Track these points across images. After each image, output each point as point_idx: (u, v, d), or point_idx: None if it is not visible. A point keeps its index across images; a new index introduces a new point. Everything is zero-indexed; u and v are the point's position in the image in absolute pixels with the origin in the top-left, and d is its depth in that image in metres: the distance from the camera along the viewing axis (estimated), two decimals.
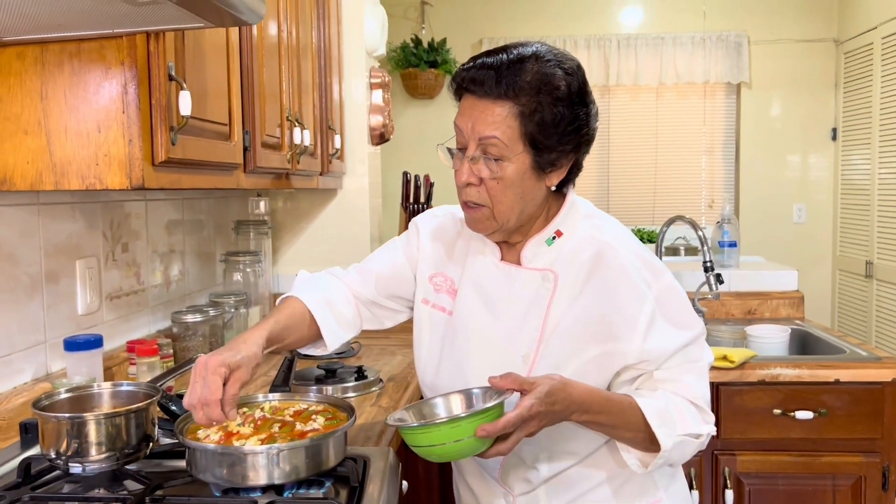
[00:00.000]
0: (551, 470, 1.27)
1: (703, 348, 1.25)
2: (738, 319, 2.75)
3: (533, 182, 1.19)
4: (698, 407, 1.21)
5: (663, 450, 1.16)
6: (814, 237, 5.19)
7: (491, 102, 1.14)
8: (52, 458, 1.12)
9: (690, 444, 1.20)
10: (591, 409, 1.14)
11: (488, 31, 5.21)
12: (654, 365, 1.20)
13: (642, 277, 1.20)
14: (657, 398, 1.19)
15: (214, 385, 1.05)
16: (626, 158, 5.35)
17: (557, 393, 1.09)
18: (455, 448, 1.06)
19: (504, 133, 1.14)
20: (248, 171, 1.75)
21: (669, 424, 1.17)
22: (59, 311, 1.64)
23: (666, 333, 1.19)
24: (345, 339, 1.36)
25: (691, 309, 1.24)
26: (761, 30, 5.15)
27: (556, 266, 1.24)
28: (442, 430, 1.05)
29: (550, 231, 1.25)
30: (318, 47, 2.36)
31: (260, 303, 2.43)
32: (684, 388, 1.21)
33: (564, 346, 1.21)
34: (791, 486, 2.14)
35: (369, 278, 1.40)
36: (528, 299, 1.24)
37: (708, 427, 1.22)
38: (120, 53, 1.24)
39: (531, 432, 1.09)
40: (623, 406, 1.17)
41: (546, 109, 1.14)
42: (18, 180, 1.28)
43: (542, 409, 1.07)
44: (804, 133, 5.19)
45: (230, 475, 1.06)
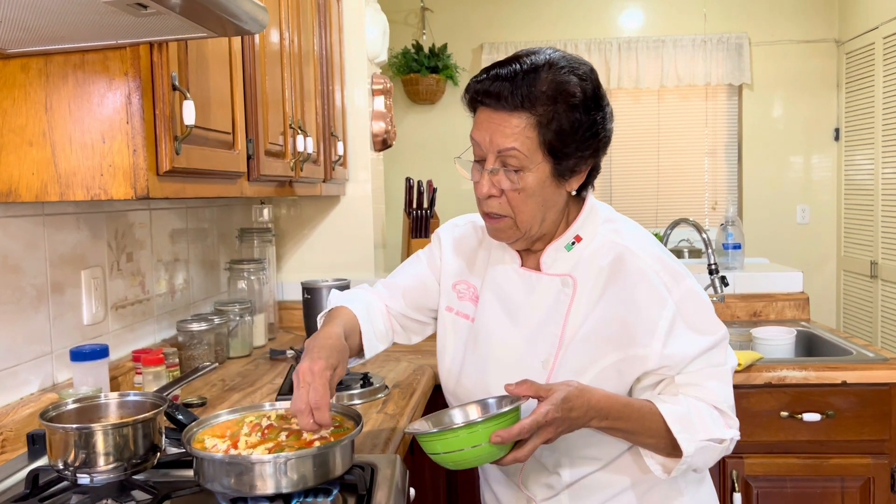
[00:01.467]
0: (573, 476, 1.26)
1: (727, 352, 1.24)
2: (744, 321, 2.75)
3: (553, 189, 1.19)
4: (721, 411, 1.20)
5: (685, 456, 1.15)
6: (818, 238, 5.19)
7: (507, 114, 1.14)
8: (60, 468, 1.12)
9: (714, 449, 1.19)
10: (611, 415, 1.13)
11: (489, 37, 5.22)
12: (675, 370, 1.18)
13: (662, 282, 1.19)
14: (678, 403, 1.17)
15: (323, 389, 1.07)
16: (628, 161, 5.35)
17: (575, 399, 1.09)
18: (472, 454, 1.06)
19: (523, 144, 1.14)
20: (251, 180, 1.75)
21: (691, 430, 1.16)
22: (65, 322, 1.65)
23: (686, 339, 1.18)
24: (379, 351, 1.38)
25: (713, 313, 1.23)
26: (762, 31, 5.15)
27: (576, 271, 1.24)
28: (459, 436, 1.05)
29: (570, 236, 1.25)
30: (320, 54, 2.37)
31: (264, 310, 2.44)
32: (707, 393, 1.19)
33: (584, 351, 1.21)
34: (799, 488, 2.13)
35: (397, 292, 1.43)
36: (548, 305, 1.25)
37: (731, 432, 1.21)
38: (123, 64, 1.25)
39: (548, 439, 1.09)
40: (643, 412, 1.16)
41: (563, 117, 1.14)
42: (24, 192, 1.29)
43: (558, 416, 1.07)
44: (807, 134, 5.18)
45: (238, 484, 1.06)
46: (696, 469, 1.23)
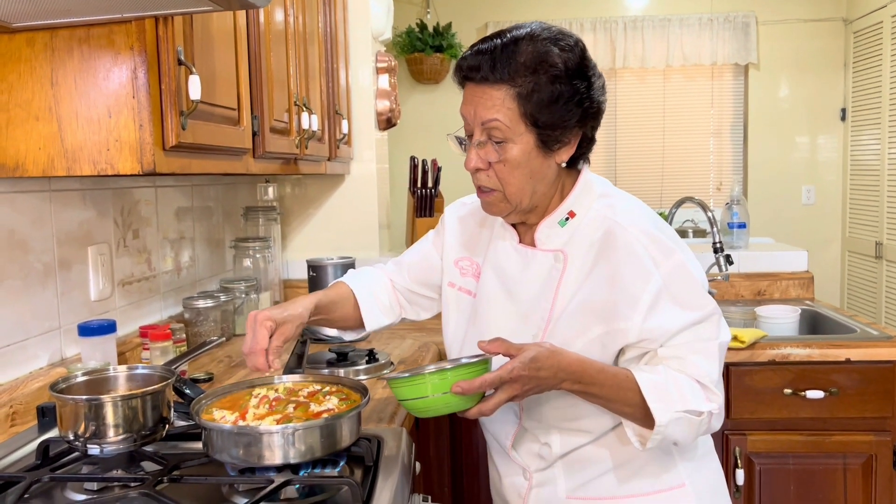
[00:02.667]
0: (564, 447, 1.27)
1: (717, 327, 1.21)
2: (748, 300, 2.75)
3: (541, 161, 1.20)
4: (703, 385, 1.18)
5: (658, 425, 1.14)
6: (823, 218, 5.18)
7: (489, 87, 1.16)
8: (71, 439, 1.14)
9: (691, 422, 1.16)
10: (583, 379, 1.13)
11: (493, 16, 5.18)
12: (657, 343, 1.18)
13: (650, 256, 1.19)
14: (657, 373, 1.17)
15: (260, 336, 1.19)
16: (633, 141, 5.33)
17: (544, 360, 1.10)
18: (439, 402, 1.09)
19: (504, 115, 1.16)
20: (257, 156, 1.75)
21: (667, 400, 1.14)
22: (73, 298, 1.66)
23: (670, 313, 1.17)
24: (384, 324, 1.47)
25: (702, 288, 1.21)
26: (769, 10, 5.11)
27: (568, 246, 1.25)
28: (427, 383, 1.09)
29: (563, 212, 1.26)
30: (325, 32, 2.36)
31: (270, 288, 2.45)
32: (689, 366, 1.18)
33: (571, 325, 1.22)
34: (801, 465, 2.14)
35: (403, 268, 1.49)
36: (541, 280, 1.26)
37: (711, 405, 1.17)
38: (129, 38, 1.24)
39: (514, 396, 1.10)
40: (619, 379, 1.16)
41: (544, 88, 1.15)
42: (31, 166, 1.29)
43: (524, 374, 1.08)
44: (813, 114, 5.16)
45: (246, 455, 1.07)
46: (677, 443, 1.20)
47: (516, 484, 1.35)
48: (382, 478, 1.14)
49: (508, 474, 1.37)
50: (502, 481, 1.39)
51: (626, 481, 1.27)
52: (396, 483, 1.13)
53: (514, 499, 1.36)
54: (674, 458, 1.29)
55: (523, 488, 1.34)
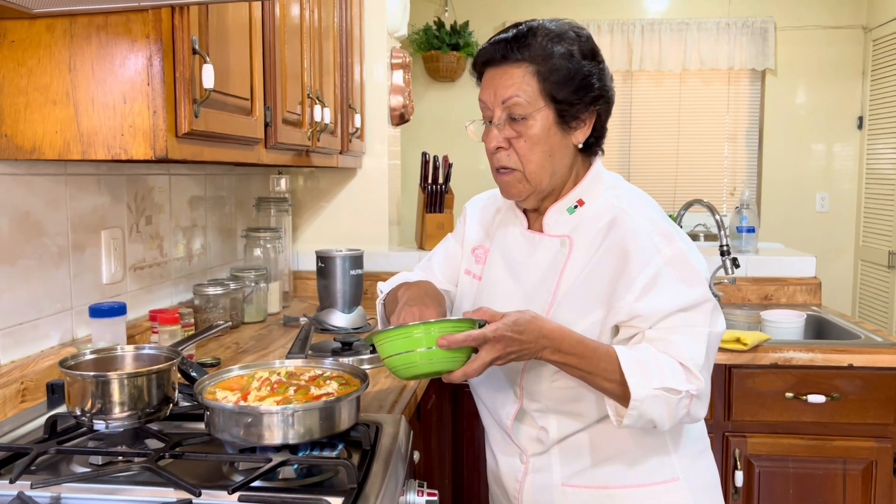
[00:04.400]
0: (561, 432, 1.30)
1: (709, 316, 1.22)
2: (755, 304, 2.75)
3: (559, 138, 1.25)
4: (685, 367, 1.18)
5: (633, 399, 1.14)
6: (836, 226, 5.15)
7: (508, 67, 1.24)
8: (78, 415, 1.17)
9: (668, 401, 1.16)
10: (563, 347, 1.15)
11: (511, 15, 5.19)
12: (646, 324, 1.19)
13: (653, 242, 1.21)
14: (639, 350, 1.18)
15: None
16: (648, 144, 5.33)
17: (525, 324, 1.13)
18: (425, 357, 1.10)
19: (525, 91, 1.22)
20: (268, 147, 1.78)
21: (646, 376, 1.15)
22: (85, 280, 1.69)
23: (661, 295, 1.19)
24: None
25: (699, 277, 1.22)
26: (788, 16, 5.09)
27: (575, 233, 1.29)
28: (413, 336, 1.10)
29: (573, 199, 1.30)
30: (340, 27, 2.39)
31: (279, 278, 2.48)
32: (673, 347, 1.18)
33: (573, 308, 1.24)
34: (801, 469, 2.15)
35: (435, 269, 1.51)
36: (546, 264, 1.29)
37: (690, 386, 1.17)
38: (145, 27, 1.28)
39: (497, 357, 1.12)
40: (599, 352, 1.17)
41: (561, 66, 1.23)
42: (47, 149, 1.33)
43: (507, 334, 1.11)
44: (829, 121, 5.13)
45: (246, 434, 1.10)
46: (654, 424, 1.18)
47: (513, 467, 1.38)
48: (379, 462, 1.16)
49: (506, 455, 1.39)
50: (499, 465, 1.42)
51: (622, 472, 1.30)
52: (392, 467, 1.16)
53: (511, 483, 1.39)
54: (669, 452, 1.31)
55: (520, 472, 1.36)
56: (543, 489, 1.33)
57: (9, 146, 1.35)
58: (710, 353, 1.22)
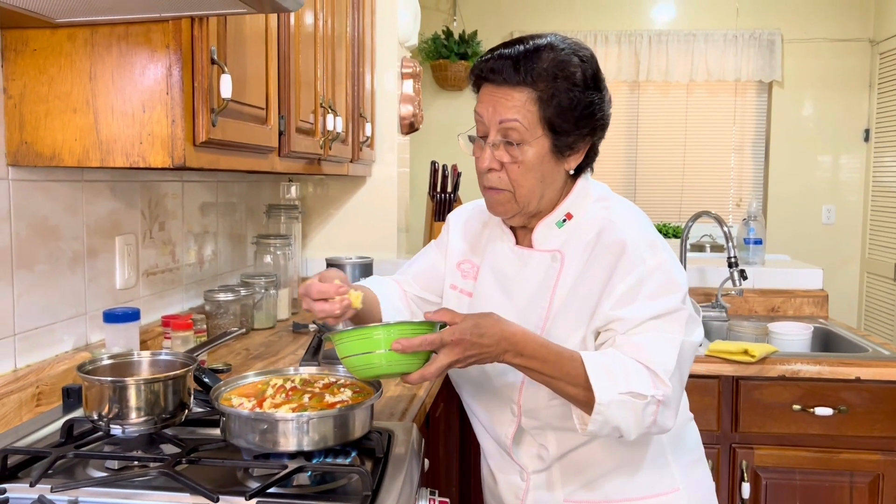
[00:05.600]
0: (560, 448, 1.30)
1: (683, 325, 1.20)
2: (762, 316, 2.76)
3: (552, 166, 1.24)
4: (652, 371, 1.15)
5: (598, 403, 1.11)
6: (842, 238, 5.16)
7: (510, 88, 1.20)
8: (95, 419, 1.18)
9: (634, 406, 1.13)
10: (525, 351, 1.13)
11: (519, 25, 5.23)
12: (622, 329, 1.18)
13: (637, 252, 1.21)
14: (605, 355, 1.16)
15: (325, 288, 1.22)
16: (654, 154, 5.35)
17: (487, 327, 1.11)
18: (383, 359, 1.10)
19: (524, 117, 1.19)
20: (282, 155, 1.80)
21: (611, 380, 1.12)
22: (99, 285, 1.71)
23: (637, 303, 1.18)
24: None
25: (677, 288, 1.21)
26: (795, 28, 5.11)
27: (565, 247, 1.28)
28: (373, 337, 1.10)
29: (560, 213, 1.29)
30: (352, 37, 2.41)
31: (289, 285, 2.49)
32: (643, 353, 1.16)
33: (566, 322, 1.24)
34: (808, 481, 2.16)
35: (410, 275, 1.52)
36: (538, 280, 1.29)
37: (656, 391, 1.14)
38: (165, 37, 1.29)
39: (456, 360, 1.10)
40: (563, 357, 1.15)
41: (563, 94, 1.19)
42: (67, 156, 1.35)
43: (466, 338, 1.09)
44: (836, 133, 5.14)
45: (262, 441, 1.11)
46: (620, 431, 1.15)
47: (513, 485, 1.38)
48: (392, 469, 1.17)
49: (505, 474, 1.40)
50: (498, 483, 1.42)
51: (623, 485, 1.30)
52: (405, 475, 1.17)
53: (512, 501, 1.39)
54: (669, 463, 1.32)
55: (521, 490, 1.37)
56: None
57: (29, 153, 1.37)
58: (682, 361, 1.19)
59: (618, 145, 5.34)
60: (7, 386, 1.37)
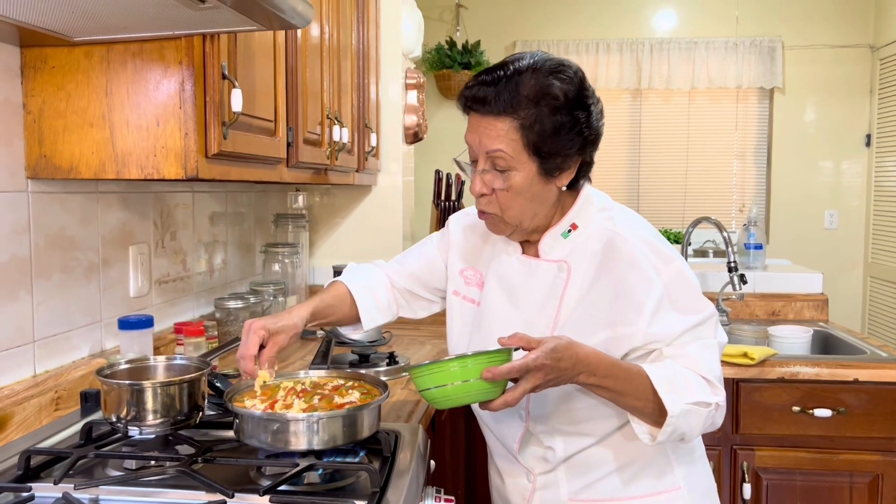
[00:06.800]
0: (567, 450, 1.34)
1: (716, 328, 1.28)
2: (762, 320, 2.80)
3: (542, 187, 1.27)
4: (708, 380, 1.23)
5: (670, 416, 1.18)
6: (845, 243, 5.19)
7: (493, 118, 1.22)
8: (113, 421, 1.23)
9: (699, 414, 1.21)
10: (598, 371, 1.17)
11: (522, 34, 5.29)
12: (662, 345, 1.25)
13: (651, 264, 1.25)
14: (666, 367, 1.22)
15: (251, 343, 1.26)
16: (657, 161, 5.39)
17: (563, 350, 1.14)
18: (462, 390, 1.11)
19: (508, 146, 1.22)
20: (290, 166, 1.85)
21: (677, 392, 1.19)
22: (113, 293, 1.76)
23: (672, 318, 1.24)
24: (380, 322, 1.51)
25: (699, 294, 1.29)
26: (796, 35, 5.16)
27: (571, 257, 1.32)
28: (449, 370, 1.12)
29: (566, 224, 1.32)
30: (357, 49, 2.46)
31: (297, 293, 2.54)
32: (693, 363, 1.23)
33: (576, 332, 1.27)
34: (808, 481, 2.19)
35: (406, 269, 1.54)
36: (545, 289, 1.33)
37: (717, 398, 1.23)
38: (178, 53, 1.35)
39: (536, 385, 1.13)
40: (631, 373, 1.20)
41: (546, 119, 1.21)
42: (84, 169, 1.40)
43: (547, 363, 1.12)
44: (838, 139, 5.18)
45: (273, 440, 1.16)
46: (684, 436, 1.23)
47: (520, 486, 1.42)
48: (399, 468, 1.21)
49: (512, 476, 1.43)
50: (505, 484, 1.45)
51: (627, 484, 1.34)
52: (412, 473, 1.21)
53: (518, 501, 1.42)
54: (670, 461, 1.35)
55: (527, 491, 1.40)
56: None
57: (47, 166, 1.42)
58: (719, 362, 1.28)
59: (620, 153, 5.39)
60: (27, 391, 1.42)
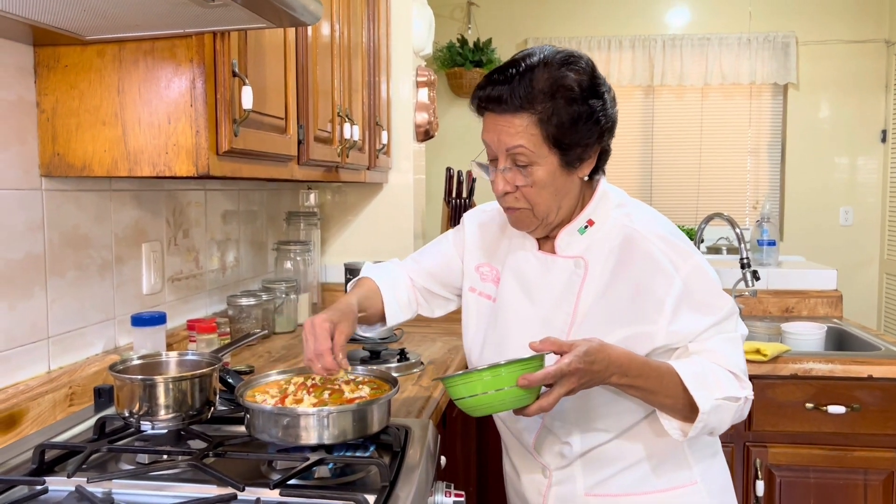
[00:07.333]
0: (584, 445, 1.34)
1: (737, 322, 1.29)
2: (775, 317, 2.78)
3: (565, 178, 1.27)
4: (735, 374, 1.24)
5: (701, 412, 1.18)
6: (861, 240, 5.15)
7: (511, 116, 1.22)
8: (126, 416, 1.24)
9: (728, 408, 1.22)
10: (630, 372, 1.18)
11: (533, 32, 5.28)
12: (685, 342, 1.25)
13: (669, 261, 1.25)
14: (694, 364, 1.22)
15: (323, 338, 1.23)
16: (669, 158, 5.37)
17: (596, 353, 1.14)
18: (497, 398, 1.11)
19: (528, 141, 1.22)
20: (301, 163, 1.86)
21: (707, 388, 1.19)
22: (126, 291, 1.77)
23: (693, 315, 1.24)
24: (402, 320, 1.52)
25: (719, 289, 1.28)
26: (810, 30, 5.12)
27: (588, 253, 1.32)
28: (482, 379, 1.11)
29: (582, 220, 1.32)
30: (368, 47, 2.47)
31: (309, 290, 2.55)
32: (719, 357, 1.24)
33: (594, 328, 1.27)
34: (822, 479, 2.18)
35: (422, 267, 1.55)
36: (562, 285, 1.33)
37: (745, 391, 1.24)
38: (189, 51, 1.36)
39: (571, 389, 1.14)
40: (661, 371, 1.20)
41: (563, 111, 1.21)
42: (97, 167, 1.42)
43: (581, 367, 1.12)
44: (853, 135, 5.14)
45: (284, 435, 1.16)
46: (713, 431, 1.25)
47: (536, 482, 1.42)
48: (409, 462, 1.22)
49: (527, 472, 1.43)
50: (521, 479, 1.45)
51: (643, 479, 1.33)
52: (422, 468, 1.22)
53: (534, 496, 1.42)
54: (687, 456, 1.35)
55: (543, 486, 1.40)
56: (567, 500, 1.37)
57: (61, 164, 1.44)
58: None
59: (633, 149, 5.37)
60: (42, 387, 1.44)
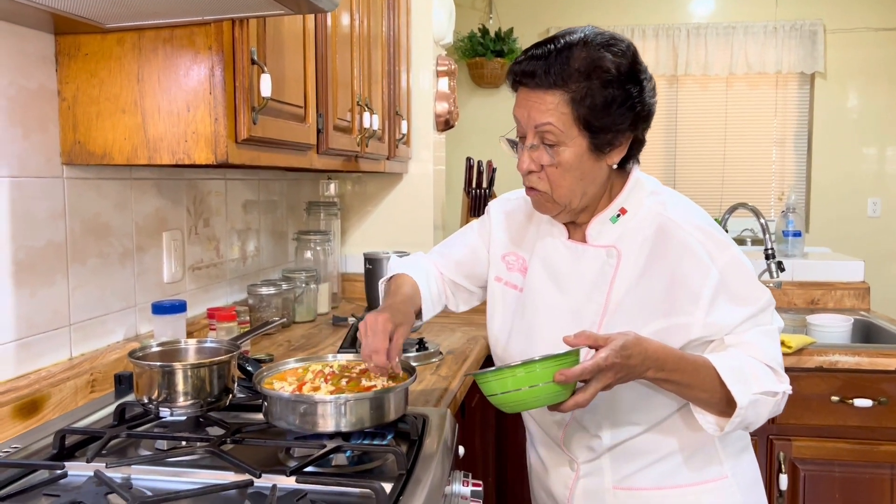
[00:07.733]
0: (613, 439, 1.31)
1: (773, 314, 1.26)
2: (801, 309, 2.74)
3: (592, 163, 1.23)
4: (772, 368, 1.22)
5: (739, 407, 1.16)
6: (889, 231, 5.06)
7: (543, 92, 1.20)
8: (145, 402, 1.25)
9: (766, 403, 1.19)
10: (666, 366, 1.15)
11: (555, 21, 5.23)
12: (721, 335, 1.22)
13: (706, 251, 1.22)
14: (731, 358, 1.19)
15: (381, 338, 1.21)
16: (694, 148, 5.31)
17: (632, 347, 1.11)
18: (531, 395, 1.09)
19: (558, 119, 1.19)
20: (320, 152, 1.86)
21: (744, 382, 1.17)
22: (147, 279, 1.79)
23: (729, 307, 1.21)
24: (434, 314, 1.49)
25: (756, 280, 1.25)
26: (837, 18, 5.02)
27: (621, 243, 1.28)
28: (517, 375, 1.09)
29: (615, 209, 1.29)
30: (388, 36, 2.46)
31: (328, 280, 2.56)
32: (756, 351, 1.21)
33: (627, 319, 1.24)
34: (847, 473, 2.14)
35: (450, 259, 1.52)
36: (593, 275, 1.29)
37: (783, 385, 1.21)
38: (208, 39, 1.36)
39: (607, 384, 1.11)
40: (697, 365, 1.18)
41: (597, 93, 1.18)
42: (117, 155, 1.42)
43: (617, 361, 1.09)
44: (881, 125, 5.05)
45: (302, 422, 1.16)
46: (748, 425, 1.22)
47: (563, 475, 1.40)
48: (426, 451, 1.21)
49: (555, 465, 1.41)
50: (547, 472, 1.43)
51: (672, 473, 1.31)
52: (439, 457, 1.21)
53: (560, 489, 1.40)
54: (718, 450, 1.32)
55: (570, 479, 1.38)
56: (594, 493, 1.35)
57: (81, 152, 1.45)
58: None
59: (657, 139, 5.31)
60: (64, 373, 1.45)
